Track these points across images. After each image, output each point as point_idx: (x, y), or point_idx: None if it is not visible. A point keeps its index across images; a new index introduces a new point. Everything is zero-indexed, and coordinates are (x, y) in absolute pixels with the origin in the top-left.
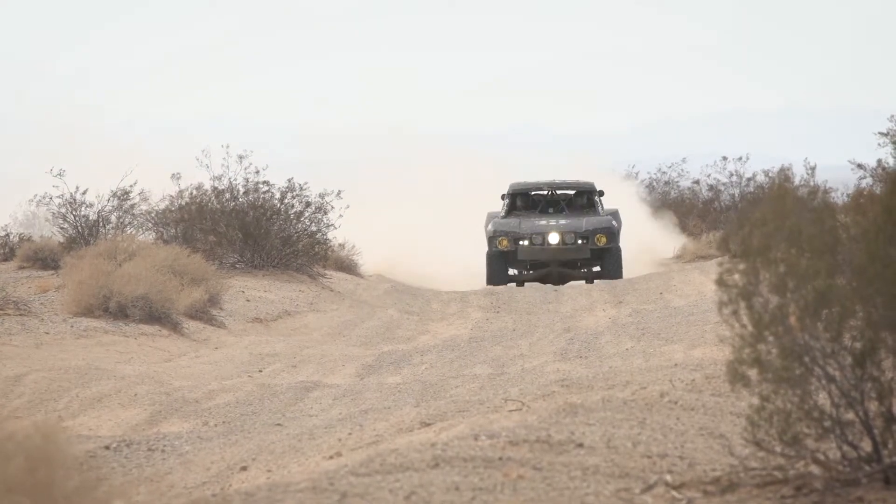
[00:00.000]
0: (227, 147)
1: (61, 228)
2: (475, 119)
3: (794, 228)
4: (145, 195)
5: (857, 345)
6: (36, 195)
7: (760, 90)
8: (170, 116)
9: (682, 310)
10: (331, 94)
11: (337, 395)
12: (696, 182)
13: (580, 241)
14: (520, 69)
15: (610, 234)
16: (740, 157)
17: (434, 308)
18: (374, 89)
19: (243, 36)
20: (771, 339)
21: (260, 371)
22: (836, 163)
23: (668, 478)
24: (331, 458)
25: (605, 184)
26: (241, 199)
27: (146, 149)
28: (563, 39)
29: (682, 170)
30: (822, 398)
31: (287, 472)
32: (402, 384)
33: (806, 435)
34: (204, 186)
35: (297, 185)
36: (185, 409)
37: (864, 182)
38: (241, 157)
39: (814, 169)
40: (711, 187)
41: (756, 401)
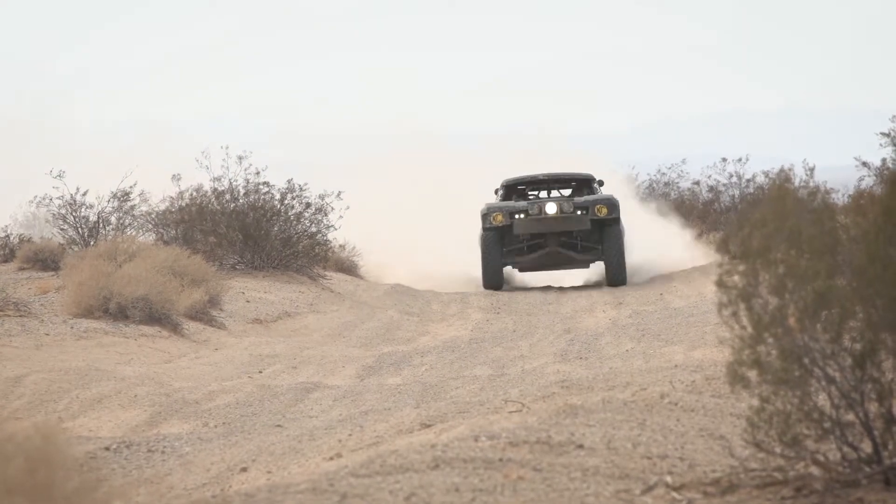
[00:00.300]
0: (227, 148)
1: (61, 229)
2: (475, 119)
3: (794, 229)
4: (145, 196)
5: (857, 346)
6: (36, 196)
7: (760, 90)
8: (170, 116)
9: (682, 311)
10: (331, 94)
11: (337, 397)
12: (696, 183)
13: (579, 212)
14: (520, 69)
15: (611, 205)
16: (740, 158)
17: (434, 309)
18: (374, 89)
19: (243, 36)
20: (771, 340)
21: (260, 372)
22: (836, 163)
23: (669, 479)
24: (331, 459)
25: (608, 186)
26: (241, 200)
27: (146, 149)
28: (563, 39)
29: (682, 171)
30: (822, 399)
31: (287, 474)
32: (403, 385)
33: (806, 436)
34: (204, 187)
35: (296, 185)
36: (185, 411)
37: (864, 182)
38: (240, 158)
39: (813, 169)
40: (711, 188)
41: (756, 402)
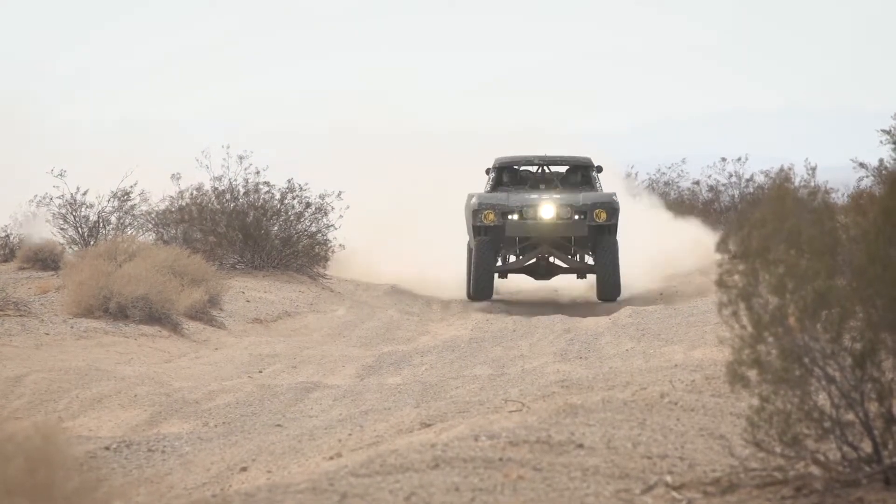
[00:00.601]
0: (228, 147)
1: (61, 229)
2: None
3: (794, 229)
4: (145, 196)
5: (857, 346)
6: (36, 195)
7: (760, 90)
8: (170, 116)
9: (682, 311)
10: (331, 93)
11: (337, 396)
12: (696, 183)
13: (577, 217)
14: (520, 69)
15: (611, 209)
16: (739, 158)
17: (434, 309)
18: (374, 89)
19: (243, 36)
20: (771, 340)
21: (260, 372)
22: (836, 163)
23: (669, 478)
24: (331, 458)
25: (608, 185)
26: (241, 200)
27: (146, 149)
28: (563, 39)
29: (682, 170)
30: (822, 399)
31: (287, 473)
32: (403, 385)
33: (806, 436)
34: (204, 187)
35: (296, 185)
36: (185, 410)
37: (864, 182)
38: (241, 158)
39: (814, 169)
40: (711, 188)
41: (756, 402)
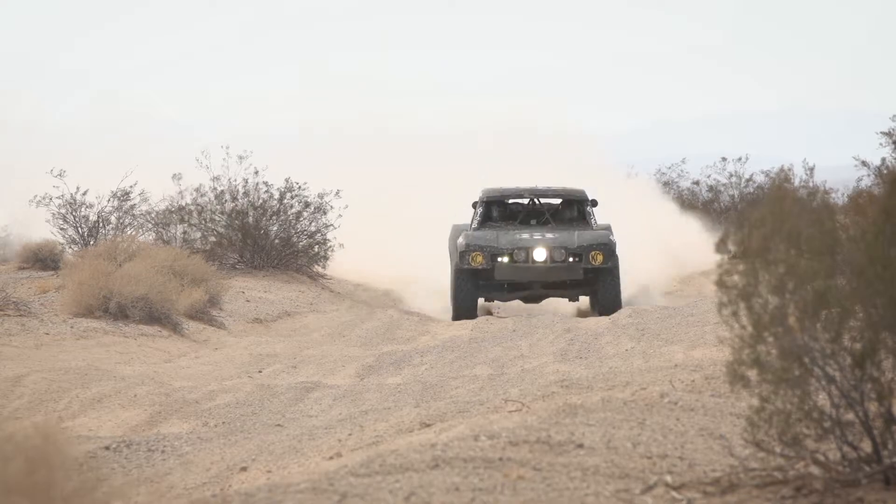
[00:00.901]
0: (227, 147)
1: (61, 229)
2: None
3: (794, 229)
4: (145, 196)
5: (857, 346)
6: (36, 195)
7: (760, 90)
8: (170, 116)
9: (682, 310)
10: (330, 93)
11: (337, 396)
12: (696, 183)
13: (571, 259)
14: (520, 69)
15: (608, 251)
16: (740, 158)
17: (434, 309)
18: (374, 89)
19: (243, 36)
20: (770, 339)
21: (260, 372)
22: (836, 163)
23: (668, 478)
24: (331, 458)
25: (610, 182)
26: (240, 200)
27: (147, 149)
28: (563, 40)
29: (682, 170)
30: (822, 399)
31: (287, 473)
32: (403, 385)
33: (806, 436)
34: (204, 187)
35: (295, 184)
36: (185, 410)
37: (864, 181)
38: (241, 158)
39: (813, 169)
40: (711, 188)
41: (756, 401)
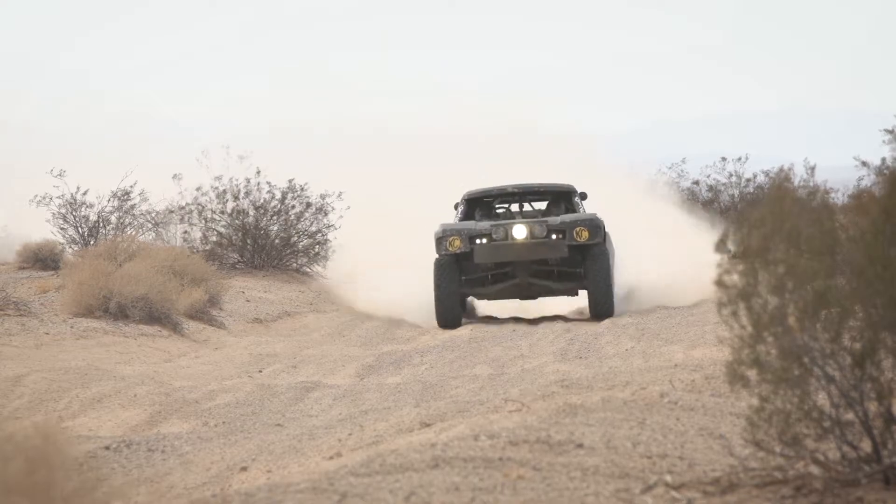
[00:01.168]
0: (228, 147)
1: (61, 229)
2: (475, 119)
3: (794, 229)
4: (145, 196)
5: (857, 345)
6: (36, 195)
7: (760, 90)
8: (171, 116)
9: (682, 310)
10: (330, 93)
11: (337, 396)
12: (696, 183)
13: (554, 236)
14: (520, 69)
15: (593, 226)
16: (739, 158)
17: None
18: (374, 89)
19: (243, 36)
20: (770, 339)
21: (260, 371)
22: (836, 163)
23: (668, 478)
24: (331, 458)
25: (608, 183)
26: (241, 200)
27: (147, 148)
28: (563, 40)
29: (682, 170)
30: (822, 399)
31: (287, 473)
32: (403, 384)
33: (805, 435)
34: (204, 187)
35: (297, 185)
36: (185, 410)
37: (864, 181)
38: (241, 158)
39: (813, 169)
40: (711, 188)
41: (755, 401)
